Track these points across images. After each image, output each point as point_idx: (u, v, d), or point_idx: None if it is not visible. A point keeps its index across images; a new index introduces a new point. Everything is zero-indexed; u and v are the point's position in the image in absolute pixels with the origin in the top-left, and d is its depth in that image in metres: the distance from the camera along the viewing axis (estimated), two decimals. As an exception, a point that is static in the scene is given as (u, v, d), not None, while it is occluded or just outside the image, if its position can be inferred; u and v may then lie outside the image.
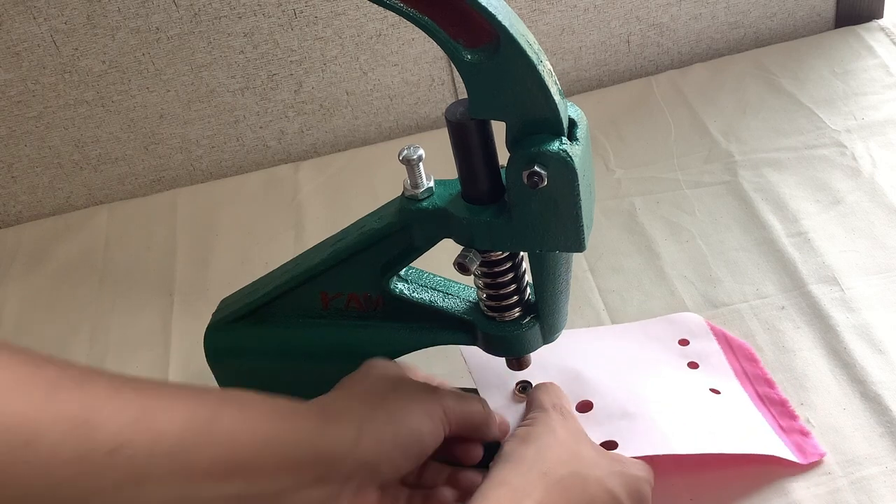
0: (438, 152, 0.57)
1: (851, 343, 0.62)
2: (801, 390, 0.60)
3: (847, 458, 0.56)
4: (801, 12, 0.92)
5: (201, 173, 0.90)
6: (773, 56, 0.90)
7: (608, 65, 0.92)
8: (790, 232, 0.71)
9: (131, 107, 0.85)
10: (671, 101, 0.87)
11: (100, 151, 0.87)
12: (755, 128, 0.82)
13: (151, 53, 0.82)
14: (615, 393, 0.58)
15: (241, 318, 0.58)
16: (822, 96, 0.84)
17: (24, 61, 0.81)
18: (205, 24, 0.81)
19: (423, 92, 0.89)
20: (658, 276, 0.70)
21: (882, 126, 0.80)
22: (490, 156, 0.47)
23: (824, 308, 0.65)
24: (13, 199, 0.89)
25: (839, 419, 0.58)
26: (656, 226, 0.75)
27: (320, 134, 0.90)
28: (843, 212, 0.72)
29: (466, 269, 0.49)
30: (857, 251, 0.69)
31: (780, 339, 0.64)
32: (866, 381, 0.60)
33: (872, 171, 0.75)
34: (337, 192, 0.85)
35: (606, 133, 0.85)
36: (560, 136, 0.44)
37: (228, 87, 0.85)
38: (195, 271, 0.80)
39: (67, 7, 0.78)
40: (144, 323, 0.76)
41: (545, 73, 0.43)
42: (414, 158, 0.49)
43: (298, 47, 0.84)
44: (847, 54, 0.88)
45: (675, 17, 0.90)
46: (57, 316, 0.78)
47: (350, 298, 0.55)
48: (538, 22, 0.87)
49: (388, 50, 0.86)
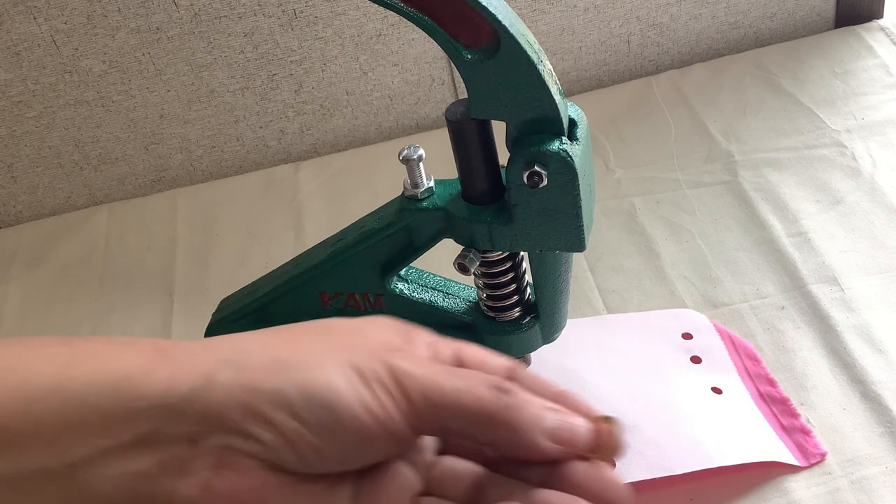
0: (438, 152, 0.57)
1: (851, 343, 0.62)
2: (801, 390, 0.60)
3: (847, 458, 0.56)
4: (801, 12, 0.92)
5: (201, 173, 0.90)
6: (773, 56, 0.90)
7: (608, 65, 0.92)
8: (790, 232, 0.71)
9: (131, 107, 0.85)
10: (671, 101, 0.87)
11: (100, 151, 0.87)
12: (755, 128, 0.82)
13: (152, 53, 0.82)
14: (615, 401, 0.58)
15: (241, 318, 0.58)
16: (822, 96, 0.84)
17: (24, 61, 0.81)
18: (205, 24, 0.81)
19: (423, 92, 0.89)
20: (658, 276, 0.70)
21: (882, 126, 0.80)
22: (490, 156, 0.48)
23: (824, 308, 0.65)
24: (13, 199, 0.89)
25: (839, 419, 0.58)
26: (656, 226, 0.75)
27: (320, 134, 0.90)
28: (843, 212, 0.72)
29: (466, 269, 0.49)
30: (857, 251, 0.69)
31: (780, 339, 0.64)
32: (866, 381, 0.60)
33: (872, 171, 0.75)
34: (337, 192, 0.85)
35: (606, 133, 0.85)
36: (560, 135, 0.44)
37: (228, 87, 0.85)
38: (195, 271, 0.80)
39: (67, 7, 0.78)
40: (144, 323, 0.76)
41: (545, 73, 0.43)
42: (414, 158, 0.49)
43: (298, 47, 0.84)
44: (847, 54, 0.88)
45: (675, 17, 0.90)
46: (57, 316, 0.78)
47: (350, 298, 0.55)
48: (538, 22, 0.87)
49: (388, 50, 0.86)
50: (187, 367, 0.31)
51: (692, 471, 0.54)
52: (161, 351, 0.32)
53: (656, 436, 0.56)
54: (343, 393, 0.31)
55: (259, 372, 0.31)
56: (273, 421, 0.31)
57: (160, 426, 0.30)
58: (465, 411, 0.33)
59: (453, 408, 0.33)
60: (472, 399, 0.33)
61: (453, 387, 0.33)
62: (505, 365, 0.37)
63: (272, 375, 0.31)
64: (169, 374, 0.31)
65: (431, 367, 0.34)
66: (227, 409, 0.30)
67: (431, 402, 0.32)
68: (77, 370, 0.30)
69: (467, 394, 0.33)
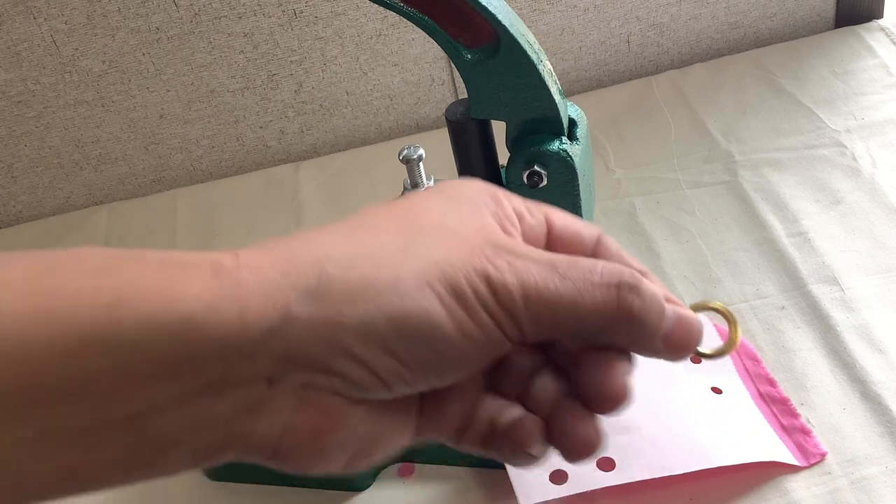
0: (438, 152, 0.57)
1: (851, 343, 0.62)
2: (801, 390, 0.60)
3: (847, 457, 0.56)
4: (801, 12, 0.92)
5: (201, 173, 0.90)
6: (773, 56, 0.90)
7: (608, 65, 0.92)
8: (790, 232, 0.71)
9: (131, 107, 0.85)
10: (671, 101, 0.87)
11: (100, 151, 0.87)
12: (755, 128, 0.82)
13: (151, 53, 0.82)
14: None
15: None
16: (822, 96, 0.84)
17: (24, 61, 0.81)
18: (205, 24, 0.81)
19: (423, 92, 0.89)
20: (658, 275, 0.70)
21: (882, 126, 0.80)
22: (490, 156, 0.48)
23: (824, 308, 0.65)
24: (13, 199, 0.89)
25: (839, 419, 0.58)
26: (656, 226, 0.75)
27: (320, 134, 0.90)
28: (843, 212, 0.72)
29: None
30: (857, 251, 0.69)
31: (780, 339, 0.64)
32: (866, 381, 0.60)
33: (872, 171, 0.75)
34: (337, 192, 0.85)
35: (606, 133, 0.85)
36: (560, 135, 0.44)
37: (228, 87, 0.85)
38: (195, 271, 0.80)
39: (67, 7, 0.78)
40: (144, 323, 0.76)
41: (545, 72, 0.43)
42: (414, 158, 0.49)
43: (298, 47, 0.84)
44: (847, 54, 0.88)
45: (675, 17, 0.90)
46: (57, 316, 0.78)
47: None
48: (538, 22, 0.87)
49: (388, 50, 0.86)
50: (259, 300, 0.26)
51: (692, 471, 0.54)
52: (223, 276, 0.27)
53: (656, 436, 0.56)
54: (441, 322, 0.28)
55: (343, 300, 0.27)
56: (361, 357, 0.27)
57: (232, 370, 0.26)
58: (579, 319, 0.29)
59: (566, 318, 0.29)
60: (589, 305, 0.29)
61: (567, 295, 0.29)
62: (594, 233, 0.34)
63: (359, 304, 0.27)
64: (238, 311, 0.26)
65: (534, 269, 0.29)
66: (309, 347, 0.27)
67: (539, 316, 0.29)
68: (125, 312, 0.25)
69: (582, 301, 0.29)
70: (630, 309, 0.30)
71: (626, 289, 0.30)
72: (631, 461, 0.54)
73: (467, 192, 0.32)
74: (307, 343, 0.27)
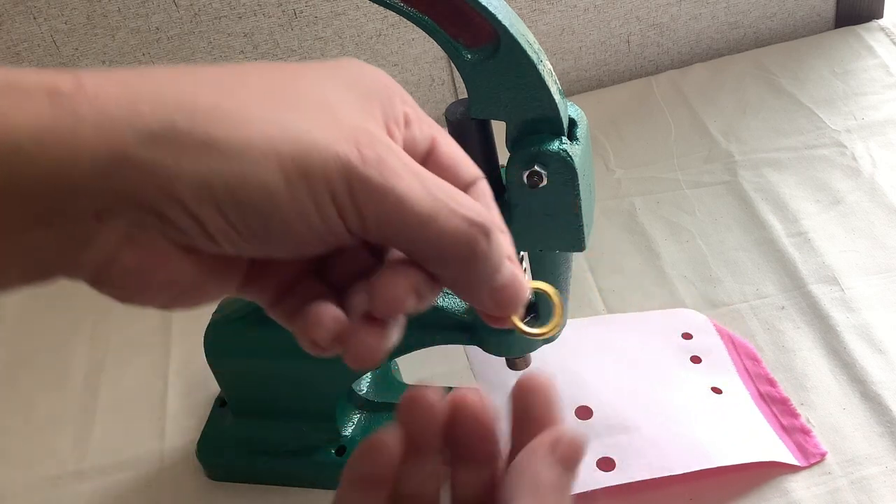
0: (438, 152, 0.57)
1: (851, 343, 0.62)
2: (801, 390, 0.60)
3: (847, 457, 0.56)
4: (801, 12, 0.92)
5: (201, 173, 0.90)
6: (773, 56, 0.90)
7: (608, 65, 0.92)
8: (790, 232, 0.71)
9: (131, 107, 0.85)
10: (671, 101, 0.87)
11: (100, 151, 0.87)
12: (755, 128, 0.82)
13: (151, 53, 0.82)
14: (616, 401, 0.58)
15: (242, 317, 0.58)
16: (822, 96, 0.84)
17: (24, 61, 0.81)
18: (205, 24, 0.81)
19: (423, 92, 0.89)
20: (658, 276, 0.70)
21: (882, 126, 0.80)
22: (490, 156, 0.47)
23: (824, 308, 0.65)
24: (13, 199, 0.89)
25: (839, 419, 0.58)
26: (656, 226, 0.75)
27: (320, 134, 0.90)
28: (843, 212, 0.72)
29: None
30: (857, 251, 0.69)
31: (780, 339, 0.64)
32: (866, 381, 0.60)
33: (872, 171, 0.75)
34: (337, 192, 0.85)
35: (606, 133, 0.85)
36: (560, 135, 0.44)
37: (228, 87, 0.85)
38: (195, 271, 0.80)
39: (67, 7, 0.78)
40: (144, 323, 0.76)
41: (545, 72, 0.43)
42: (414, 158, 0.49)
43: (298, 47, 0.84)
44: (847, 54, 0.88)
45: (675, 17, 0.90)
46: (57, 316, 0.78)
47: (350, 298, 0.55)
48: (538, 22, 0.87)
49: (388, 50, 0.86)
50: (94, 134, 0.25)
51: (692, 471, 0.54)
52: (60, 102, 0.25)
53: (656, 436, 0.56)
54: (280, 202, 0.27)
55: (184, 154, 0.26)
56: (193, 211, 0.27)
57: (58, 204, 0.26)
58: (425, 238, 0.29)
59: (414, 232, 0.28)
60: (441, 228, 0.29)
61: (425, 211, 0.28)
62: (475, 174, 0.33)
63: (200, 161, 0.26)
64: (69, 144, 0.25)
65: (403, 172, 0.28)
66: (142, 191, 0.26)
67: (389, 221, 0.28)
68: None
69: (436, 222, 0.29)
70: (475, 248, 0.29)
71: (480, 229, 0.29)
72: (631, 461, 0.54)
73: (367, 79, 0.31)
74: (140, 186, 0.26)
